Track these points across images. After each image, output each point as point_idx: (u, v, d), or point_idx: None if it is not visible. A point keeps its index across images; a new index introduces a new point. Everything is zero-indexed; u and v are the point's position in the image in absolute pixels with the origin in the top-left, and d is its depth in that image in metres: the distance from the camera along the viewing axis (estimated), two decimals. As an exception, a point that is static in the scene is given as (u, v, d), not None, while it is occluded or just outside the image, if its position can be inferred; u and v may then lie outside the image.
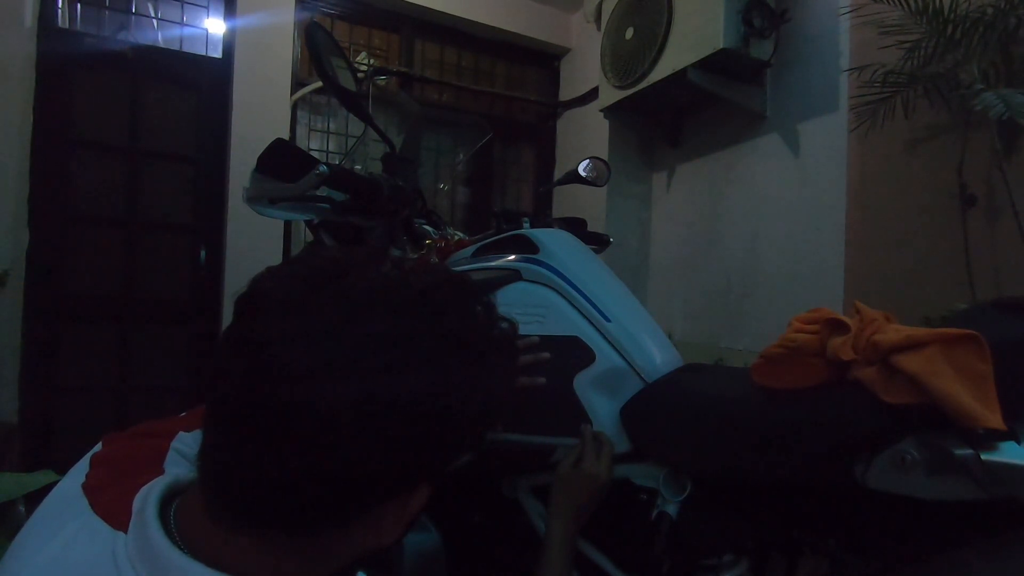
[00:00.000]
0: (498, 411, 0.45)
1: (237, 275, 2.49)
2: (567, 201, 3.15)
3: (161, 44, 2.53)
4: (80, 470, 0.49)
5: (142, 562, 0.37)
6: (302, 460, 0.35)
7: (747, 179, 2.45)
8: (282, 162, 0.92)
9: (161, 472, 0.47)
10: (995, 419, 0.54)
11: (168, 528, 0.39)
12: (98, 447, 0.52)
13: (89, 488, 0.45)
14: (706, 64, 2.20)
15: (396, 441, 0.36)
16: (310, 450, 0.35)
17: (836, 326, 0.67)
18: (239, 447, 0.37)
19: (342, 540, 0.40)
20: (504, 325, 0.46)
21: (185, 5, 2.58)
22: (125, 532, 0.40)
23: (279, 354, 0.35)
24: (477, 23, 3.06)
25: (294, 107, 2.70)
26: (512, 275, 0.90)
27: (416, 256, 1.06)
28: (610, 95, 2.66)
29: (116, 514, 0.41)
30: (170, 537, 0.38)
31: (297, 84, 2.68)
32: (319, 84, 2.53)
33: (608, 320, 0.86)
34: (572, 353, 0.84)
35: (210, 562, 0.37)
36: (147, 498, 0.41)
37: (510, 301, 0.88)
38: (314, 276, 0.39)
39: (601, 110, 2.78)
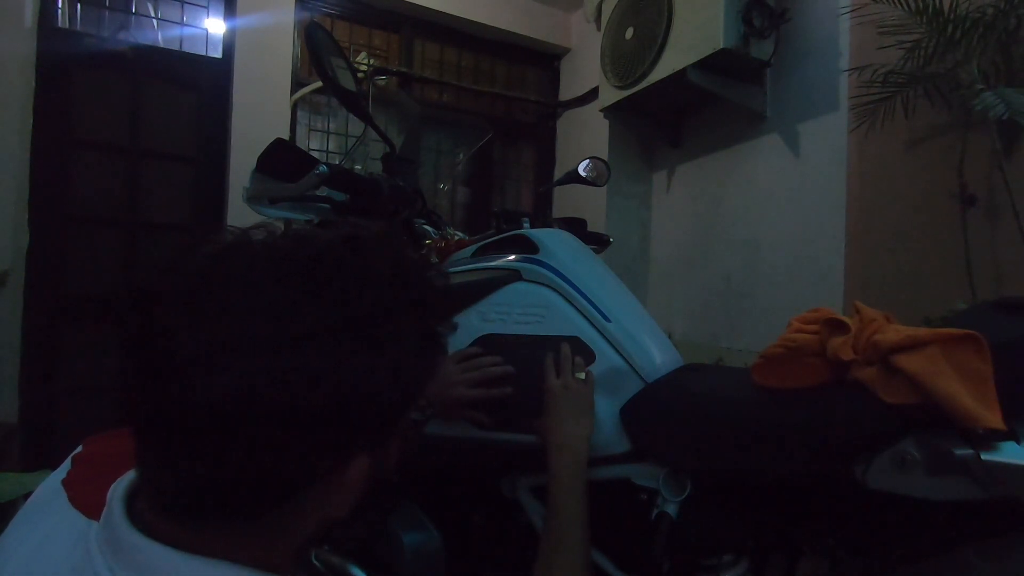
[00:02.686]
0: (418, 377, 0.42)
1: (237, 275, 2.48)
2: (567, 201, 3.15)
3: (161, 44, 2.53)
4: (61, 470, 0.50)
5: (108, 546, 0.38)
6: (204, 452, 0.35)
7: (747, 179, 2.45)
8: (282, 162, 0.92)
9: None
10: (995, 419, 0.54)
11: (133, 515, 0.39)
12: (79, 449, 0.53)
13: (68, 483, 0.47)
14: (706, 64, 2.20)
15: (297, 423, 0.35)
16: (209, 441, 0.35)
17: (836, 326, 0.67)
18: (151, 445, 0.37)
19: (287, 519, 0.40)
20: (423, 283, 0.43)
21: (185, 5, 2.58)
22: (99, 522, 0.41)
23: (164, 347, 0.35)
24: (477, 23, 3.06)
25: (294, 107, 2.70)
26: (512, 275, 0.90)
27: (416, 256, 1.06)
28: (610, 95, 2.66)
29: (92, 506, 0.42)
30: (133, 522, 0.39)
31: (297, 84, 2.68)
32: (319, 84, 2.53)
33: (608, 320, 0.86)
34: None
35: (174, 546, 0.37)
36: (116, 490, 0.42)
37: (510, 301, 0.88)
38: (200, 262, 0.37)
39: (601, 110, 2.78)
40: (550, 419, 0.78)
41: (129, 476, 0.43)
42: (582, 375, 0.81)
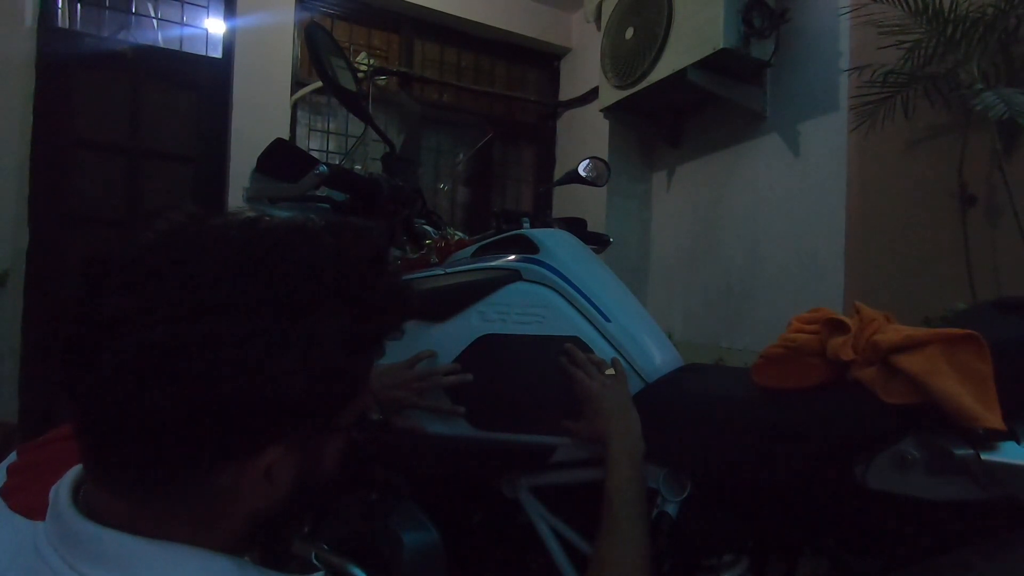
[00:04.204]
0: (337, 377, 0.40)
1: (237, 275, 2.49)
2: (567, 201, 3.15)
3: (161, 44, 2.53)
4: None
5: (60, 541, 0.38)
6: (111, 410, 0.36)
7: (747, 179, 2.45)
8: (282, 162, 0.92)
9: None
10: (995, 419, 0.54)
11: (80, 508, 0.40)
12: (12, 458, 0.53)
13: (5, 492, 0.47)
14: (706, 64, 2.20)
15: (193, 392, 0.35)
16: (115, 401, 0.35)
17: (836, 326, 0.67)
18: (75, 404, 0.38)
19: (209, 505, 0.40)
20: (367, 285, 0.41)
21: (185, 5, 2.58)
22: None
23: (91, 309, 0.36)
24: (477, 23, 3.06)
25: (294, 107, 2.70)
26: (512, 275, 0.90)
27: (416, 256, 1.06)
28: (610, 95, 2.66)
29: (34, 509, 0.42)
30: (82, 513, 0.39)
31: (297, 84, 2.68)
32: (319, 84, 2.54)
33: (608, 320, 0.85)
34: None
35: (127, 531, 0.38)
36: (60, 487, 0.42)
37: (510, 301, 0.88)
38: (152, 236, 0.39)
39: (601, 110, 2.78)
40: (598, 420, 0.77)
41: (71, 473, 0.43)
42: (611, 371, 0.81)
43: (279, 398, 0.37)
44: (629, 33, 2.50)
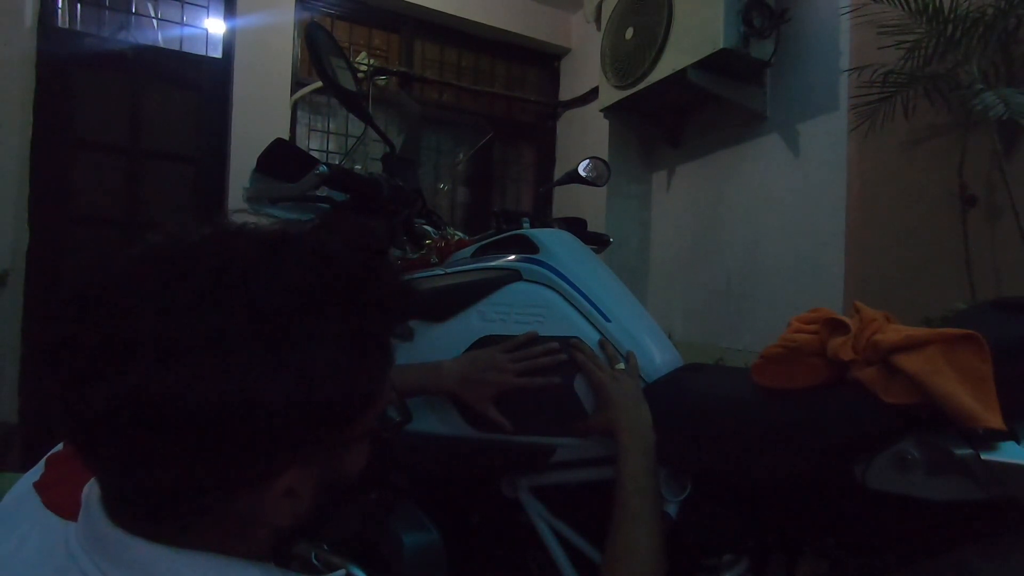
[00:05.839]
0: (347, 384, 0.38)
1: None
2: (567, 201, 3.15)
3: (161, 44, 2.53)
4: (35, 472, 0.50)
5: (92, 545, 0.38)
6: (106, 456, 0.36)
7: (747, 179, 2.45)
8: (282, 162, 0.92)
9: None
10: (995, 419, 0.54)
11: (112, 513, 0.39)
12: (58, 448, 0.53)
13: (41, 486, 0.47)
14: (706, 64, 2.20)
15: (186, 432, 0.34)
16: (107, 445, 0.35)
17: (836, 326, 0.67)
18: (76, 448, 0.37)
19: (229, 527, 0.39)
20: (356, 286, 0.39)
21: (185, 5, 2.58)
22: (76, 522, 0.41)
23: (71, 349, 0.35)
24: (477, 23, 3.06)
25: (294, 107, 2.70)
26: (512, 275, 0.90)
27: (416, 256, 1.06)
28: (610, 95, 2.66)
29: (67, 507, 0.42)
30: (113, 520, 0.39)
31: (297, 84, 2.68)
32: (319, 84, 2.53)
33: (608, 320, 0.86)
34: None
35: (156, 540, 0.37)
36: (92, 488, 0.41)
37: (510, 301, 0.88)
38: (123, 264, 0.37)
39: (601, 110, 2.78)
40: (609, 411, 0.77)
41: None
42: (622, 365, 0.81)
43: (281, 427, 0.36)
44: (629, 33, 2.50)
